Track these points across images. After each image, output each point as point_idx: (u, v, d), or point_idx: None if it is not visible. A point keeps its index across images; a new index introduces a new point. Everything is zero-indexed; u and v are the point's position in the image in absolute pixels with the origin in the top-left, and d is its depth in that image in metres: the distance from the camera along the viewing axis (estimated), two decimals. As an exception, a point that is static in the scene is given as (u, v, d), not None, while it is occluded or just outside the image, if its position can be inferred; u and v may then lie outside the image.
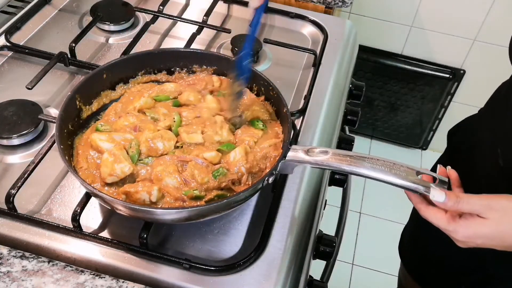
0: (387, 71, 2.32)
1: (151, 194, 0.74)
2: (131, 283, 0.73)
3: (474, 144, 0.99)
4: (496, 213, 0.66)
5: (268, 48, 1.16)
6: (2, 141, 0.90)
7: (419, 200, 0.73)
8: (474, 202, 0.67)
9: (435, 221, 0.71)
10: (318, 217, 0.92)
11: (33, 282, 0.71)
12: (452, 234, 0.70)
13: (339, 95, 1.11)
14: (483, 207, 0.67)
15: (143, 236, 0.76)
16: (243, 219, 0.84)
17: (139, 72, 0.95)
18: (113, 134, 0.82)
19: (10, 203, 0.79)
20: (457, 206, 0.68)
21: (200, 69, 0.97)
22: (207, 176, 0.77)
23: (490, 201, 0.67)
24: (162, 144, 0.81)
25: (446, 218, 0.69)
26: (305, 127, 0.99)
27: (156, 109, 0.88)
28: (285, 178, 0.89)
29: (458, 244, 0.71)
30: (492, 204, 0.67)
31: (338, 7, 1.33)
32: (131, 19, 1.20)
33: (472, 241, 0.69)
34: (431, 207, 0.71)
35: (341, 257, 2.10)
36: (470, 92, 2.33)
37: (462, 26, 2.13)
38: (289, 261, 0.79)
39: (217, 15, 1.25)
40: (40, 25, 1.17)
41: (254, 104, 0.91)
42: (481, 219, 0.67)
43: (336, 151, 0.75)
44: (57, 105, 0.99)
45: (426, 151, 2.62)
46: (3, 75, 1.04)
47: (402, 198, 0.79)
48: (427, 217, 0.72)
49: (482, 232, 0.68)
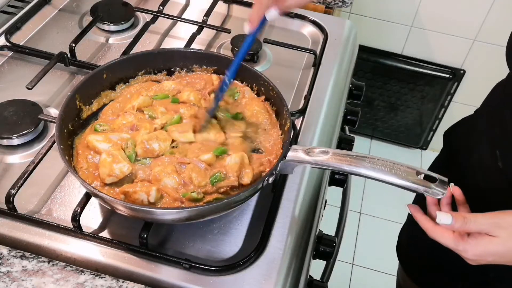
0: (387, 71, 2.32)
1: (149, 195, 0.74)
2: (131, 283, 0.73)
3: (471, 145, 0.99)
4: (504, 230, 0.66)
5: (268, 48, 1.16)
6: (2, 141, 0.90)
7: (426, 221, 0.72)
8: (481, 221, 0.67)
9: (443, 241, 0.70)
10: (318, 217, 0.92)
11: (33, 282, 0.71)
12: (462, 253, 0.70)
13: (339, 95, 1.11)
14: (490, 225, 0.67)
15: (143, 236, 0.76)
16: (243, 219, 0.84)
17: (139, 72, 0.95)
18: (110, 134, 0.82)
19: (10, 203, 0.79)
20: (464, 227, 0.68)
21: (200, 69, 0.97)
22: (205, 180, 0.77)
23: (497, 219, 0.67)
24: (158, 145, 0.81)
25: (455, 237, 0.69)
26: (305, 127, 0.99)
27: (154, 108, 0.88)
28: (285, 178, 0.89)
29: (468, 262, 0.71)
30: (499, 222, 0.67)
31: (338, 7, 1.33)
32: (131, 19, 1.20)
33: (483, 259, 0.69)
34: (438, 227, 0.71)
35: (341, 257, 2.10)
36: (470, 92, 2.33)
37: (462, 26, 2.13)
38: (289, 261, 0.79)
39: (217, 15, 1.25)
40: (40, 25, 1.17)
41: (254, 104, 0.91)
42: (490, 237, 0.67)
43: (336, 151, 0.75)
44: (57, 105, 0.99)
45: (426, 151, 2.62)
46: (3, 75, 1.04)
47: (402, 198, 0.79)
48: (434, 237, 0.71)
49: (492, 250, 0.68)
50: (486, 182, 0.91)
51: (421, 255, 1.15)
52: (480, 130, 0.97)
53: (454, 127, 1.12)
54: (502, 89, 0.95)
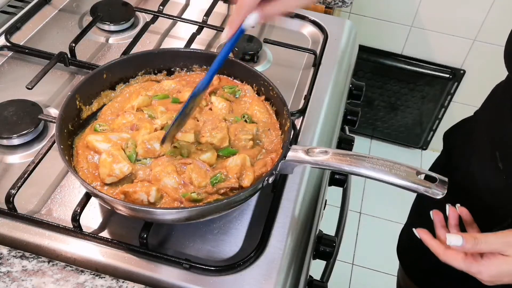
0: (387, 71, 2.32)
1: (149, 195, 0.74)
2: (131, 283, 0.73)
3: (471, 147, 0.99)
4: None
5: (268, 48, 1.16)
6: (2, 141, 0.90)
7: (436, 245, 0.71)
8: (493, 241, 0.66)
9: (456, 264, 0.69)
10: (318, 217, 0.92)
11: (33, 282, 0.71)
12: (477, 275, 0.68)
13: (339, 95, 1.11)
14: (502, 244, 0.66)
15: (143, 236, 0.76)
16: (243, 219, 0.84)
17: (139, 72, 0.95)
18: (109, 134, 0.82)
19: (10, 203, 0.79)
20: (476, 247, 0.66)
21: (200, 69, 0.97)
22: (205, 180, 0.77)
23: (509, 237, 0.66)
24: (159, 145, 0.81)
25: (467, 260, 0.68)
26: (305, 127, 0.99)
27: (153, 107, 0.88)
28: (285, 178, 0.89)
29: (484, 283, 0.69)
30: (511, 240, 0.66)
31: (338, 7, 1.33)
32: (131, 19, 1.20)
33: (499, 280, 0.68)
34: (449, 251, 0.70)
35: (341, 257, 2.10)
36: (470, 92, 2.33)
37: (462, 26, 2.13)
38: (289, 261, 0.79)
39: (217, 15, 1.25)
40: (40, 25, 1.17)
41: (254, 104, 0.91)
42: (504, 257, 0.66)
43: (336, 151, 0.75)
44: (57, 105, 0.99)
45: (426, 151, 2.62)
46: (3, 75, 1.04)
47: (402, 198, 0.79)
48: (446, 261, 0.70)
49: (507, 270, 0.66)
50: (486, 183, 0.90)
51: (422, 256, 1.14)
52: (480, 131, 0.97)
53: (453, 128, 1.12)
54: (502, 90, 0.95)
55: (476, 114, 1.05)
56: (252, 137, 0.85)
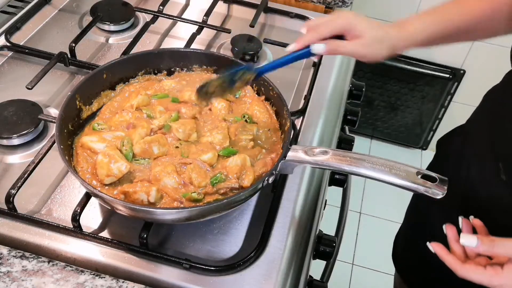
0: (387, 71, 2.32)
1: (149, 195, 0.74)
2: (131, 283, 0.73)
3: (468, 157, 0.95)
4: None
5: (268, 48, 1.16)
6: (2, 141, 0.90)
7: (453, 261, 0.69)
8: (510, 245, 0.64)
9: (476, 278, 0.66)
10: (318, 217, 0.92)
11: (33, 282, 0.71)
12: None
13: (339, 95, 1.11)
14: None
15: (143, 236, 0.76)
16: (243, 219, 0.84)
17: (139, 72, 0.95)
18: (103, 133, 0.82)
19: (10, 203, 0.78)
20: (492, 250, 0.65)
21: (200, 69, 0.97)
22: (205, 180, 0.77)
23: None
24: (157, 149, 0.81)
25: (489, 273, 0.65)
26: (305, 127, 0.99)
27: (152, 107, 0.88)
28: (285, 178, 0.89)
29: None
30: None
31: (338, 7, 1.33)
32: (131, 19, 1.20)
33: None
34: (467, 265, 0.67)
35: (341, 257, 2.10)
36: (470, 92, 2.33)
37: (462, 26, 2.13)
38: (289, 261, 0.79)
39: (217, 15, 1.25)
40: (40, 25, 1.17)
41: (254, 104, 0.91)
42: None
43: (336, 151, 0.75)
44: (57, 105, 0.99)
45: (426, 151, 2.61)
46: (3, 75, 1.04)
47: (402, 198, 0.79)
48: (465, 276, 0.67)
49: None
50: (488, 195, 0.88)
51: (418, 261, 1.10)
52: (478, 141, 0.94)
53: (447, 137, 1.10)
54: (500, 97, 0.92)
55: (469, 122, 1.02)
56: (252, 137, 0.85)
